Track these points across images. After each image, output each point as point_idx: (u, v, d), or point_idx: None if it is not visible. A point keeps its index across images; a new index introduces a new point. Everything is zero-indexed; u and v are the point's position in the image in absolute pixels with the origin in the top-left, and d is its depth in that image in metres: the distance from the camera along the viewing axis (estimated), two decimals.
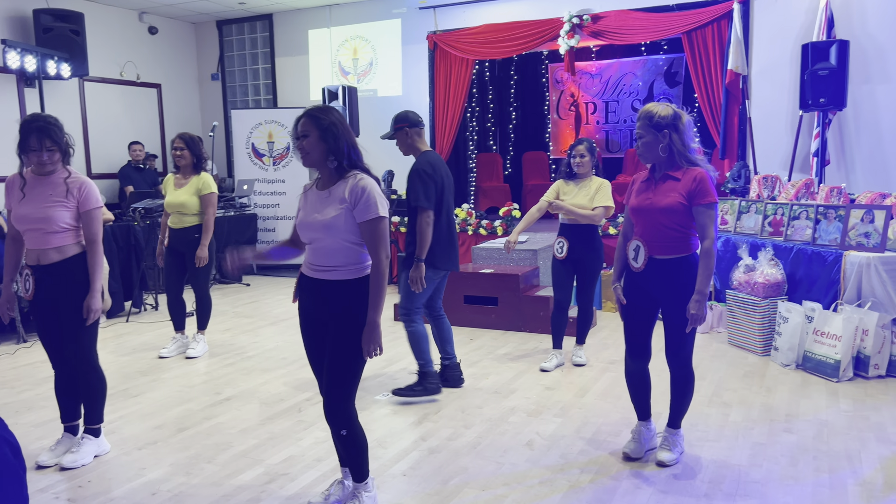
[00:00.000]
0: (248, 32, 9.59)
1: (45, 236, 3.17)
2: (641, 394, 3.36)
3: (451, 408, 4.00)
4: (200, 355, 5.16)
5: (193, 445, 3.54)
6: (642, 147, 3.12)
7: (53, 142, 3.16)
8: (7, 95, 7.52)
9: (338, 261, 2.58)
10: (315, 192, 2.64)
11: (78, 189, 3.21)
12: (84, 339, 3.27)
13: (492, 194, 9.20)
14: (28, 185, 3.21)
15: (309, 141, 2.55)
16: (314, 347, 2.72)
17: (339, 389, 2.59)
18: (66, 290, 3.21)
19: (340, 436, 2.65)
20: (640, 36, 7.43)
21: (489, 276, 5.89)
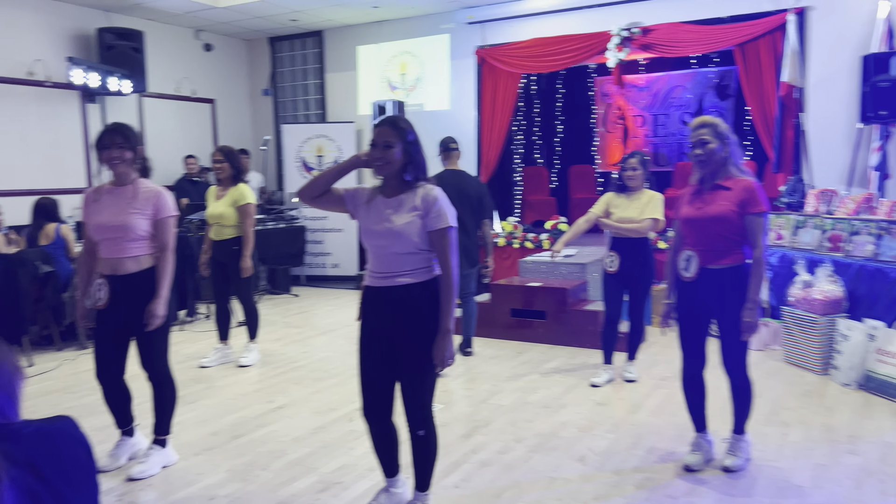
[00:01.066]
0: (299, 49, 9.80)
1: (122, 245, 3.23)
2: (699, 403, 3.38)
3: (501, 421, 3.99)
4: (253, 363, 5.24)
5: (248, 452, 3.60)
6: (707, 153, 3.12)
7: (125, 138, 3.24)
8: (71, 111, 7.81)
9: (407, 266, 2.61)
10: (381, 200, 2.65)
11: (154, 198, 3.29)
12: (157, 350, 3.35)
13: (538, 207, 9.17)
14: (105, 196, 3.30)
15: (392, 153, 2.57)
16: (376, 363, 2.70)
17: (428, 390, 2.65)
18: (142, 300, 3.25)
19: (417, 436, 2.66)
20: (690, 49, 7.35)
21: (536, 290, 5.87)
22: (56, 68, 7.54)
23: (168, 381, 3.42)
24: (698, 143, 3.14)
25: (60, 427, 1.72)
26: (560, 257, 6.53)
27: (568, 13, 7.87)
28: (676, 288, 3.33)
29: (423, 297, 2.61)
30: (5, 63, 7.26)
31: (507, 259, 7.60)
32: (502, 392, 4.53)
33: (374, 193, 2.69)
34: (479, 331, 6.04)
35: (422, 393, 2.65)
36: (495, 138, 8.27)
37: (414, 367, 2.62)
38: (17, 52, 7.34)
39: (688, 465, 3.29)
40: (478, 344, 5.81)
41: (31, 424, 1.64)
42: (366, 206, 2.68)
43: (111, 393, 3.41)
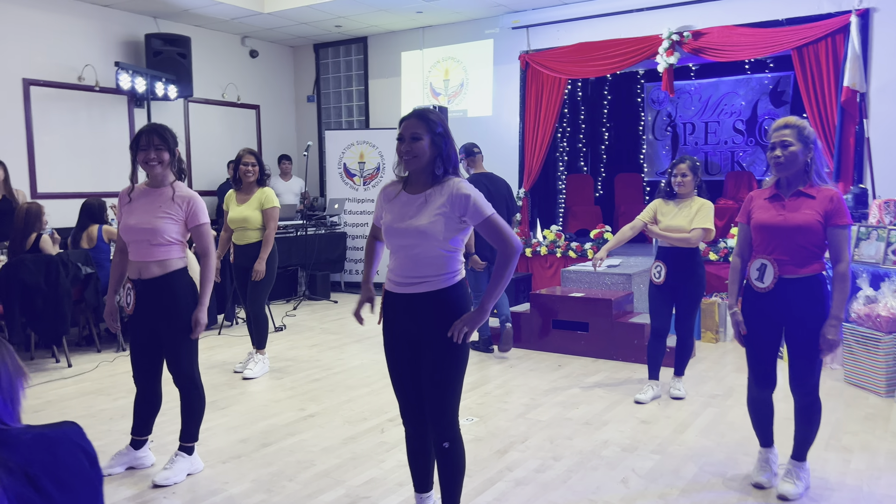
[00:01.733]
0: (343, 55, 9.79)
1: (149, 248, 3.18)
2: (766, 421, 3.21)
3: (538, 437, 3.80)
4: (258, 376, 4.99)
5: (276, 462, 3.49)
6: (788, 156, 2.94)
7: (162, 140, 3.19)
8: (118, 115, 7.93)
9: (429, 270, 2.45)
10: (405, 196, 2.50)
11: (186, 203, 3.22)
12: (184, 356, 3.27)
13: (582, 216, 8.95)
14: (137, 196, 3.25)
15: (420, 145, 2.42)
16: (402, 369, 2.58)
17: (452, 400, 2.51)
18: (167, 305, 3.19)
19: (442, 448, 2.52)
20: (745, 53, 7.06)
21: (579, 300, 5.66)
22: (105, 73, 7.66)
23: (195, 388, 3.34)
24: (779, 144, 2.96)
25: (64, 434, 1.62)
26: (603, 266, 6.32)
27: (616, 17, 7.66)
28: (746, 299, 3.14)
29: (444, 304, 2.46)
30: (57, 68, 7.40)
31: (549, 268, 7.41)
32: (541, 406, 4.34)
33: (399, 189, 2.55)
34: (518, 342, 5.87)
35: (447, 403, 2.49)
36: (539, 145, 8.09)
37: (437, 375, 2.47)
38: (67, 57, 7.48)
39: (759, 484, 3.14)
40: (516, 355, 5.64)
41: (32, 430, 1.54)
42: (389, 205, 2.54)
43: (141, 396, 3.37)
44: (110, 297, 3.39)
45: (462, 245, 2.53)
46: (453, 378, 2.49)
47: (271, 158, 9.68)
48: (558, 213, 8.85)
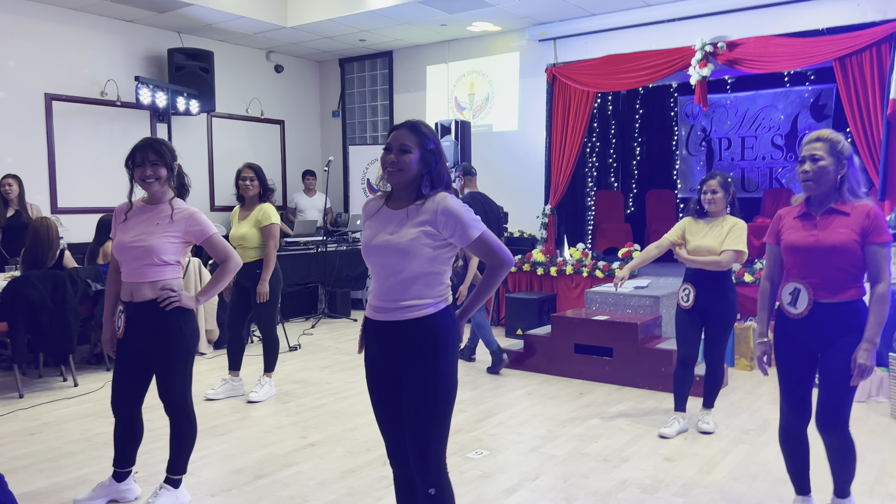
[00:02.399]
0: (368, 70, 9.68)
1: (141, 268, 3.00)
2: (801, 463, 2.92)
3: (551, 475, 3.52)
4: (264, 399, 4.80)
5: (268, 496, 3.27)
6: (817, 171, 2.70)
7: (158, 155, 3.03)
8: (140, 130, 7.90)
9: (413, 294, 2.21)
10: (387, 211, 2.29)
11: (186, 221, 3.05)
12: (177, 384, 3.08)
13: (611, 234, 8.63)
14: (134, 213, 3.10)
15: (408, 158, 2.21)
16: (385, 405, 2.33)
17: (437, 441, 2.24)
18: (159, 330, 3.01)
19: (427, 495, 2.26)
20: (783, 64, 6.71)
21: (603, 324, 5.36)
22: (127, 89, 7.65)
23: (187, 419, 3.15)
24: (809, 157, 2.72)
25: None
26: (629, 287, 6.01)
27: (646, 27, 7.39)
28: (778, 326, 2.87)
29: (427, 334, 2.21)
30: (80, 83, 7.40)
31: (575, 288, 7.11)
32: (557, 439, 4.05)
33: (381, 204, 2.33)
34: (537, 366, 5.59)
35: (431, 444, 2.23)
36: (566, 160, 7.82)
37: (420, 414, 2.22)
38: (90, 72, 7.48)
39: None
40: (535, 381, 5.35)
41: None
42: (370, 221, 2.32)
43: (121, 426, 3.17)
44: (107, 319, 3.21)
45: (450, 264, 2.30)
46: (438, 417, 2.23)
47: (295, 174, 9.60)
48: (587, 230, 8.55)
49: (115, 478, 3.22)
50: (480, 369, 5.69)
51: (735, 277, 6.08)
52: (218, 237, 3.14)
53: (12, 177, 6.15)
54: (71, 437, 4.10)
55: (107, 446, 3.92)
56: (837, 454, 2.80)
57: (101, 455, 3.78)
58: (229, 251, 3.15)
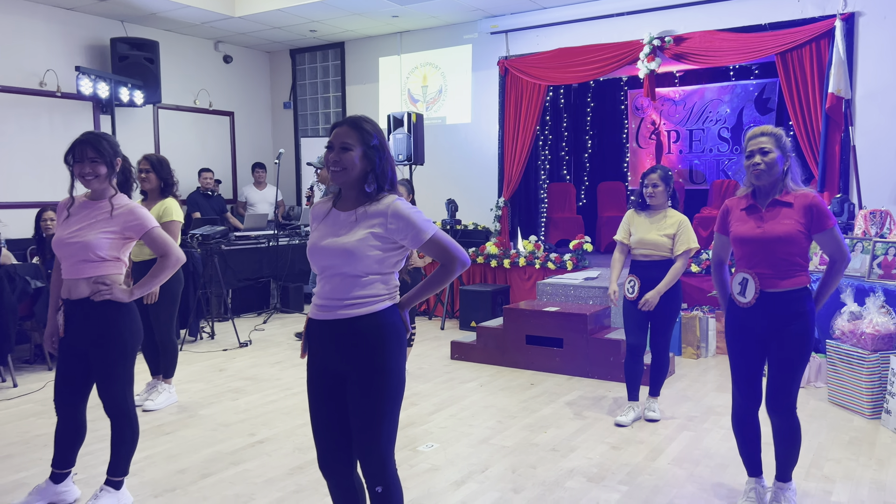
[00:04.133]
0: (320, 61, 9.56)
1: (78, 265, 2.92)
2: (753, 445, 3.02)
3: (500, 466, 3.54)
4: (161, 407, 4.51)
5: (213, 496, 3.22)
6: (769, 162, 2.81)
7: (98, 152, 2.93)
8: (83, 122, 7.65)
9: (359, 293, 2.18)
10: (335, 213, 2.25)
11: (125, 216, 2.96)
12: (117, 384, 2.99)
13: (563, 226, 8.72)
14: (75, 208, 3.00)
15: (350, 156, 2.18)
16: (326, 406, 2.28)
17: (385, 436, 2.21)
18: (98, 328, 2.93)
19: (374, 493, 2.24)
20: (728, 58, 6.86)
21: (553, 315, 5.41)
22: (68, 79, 7.40)
23: (127, 419, 3.07)
24: (758, 151, 2.83)
25: None
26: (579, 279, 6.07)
27: (596, 21, 7.46)
28: (729, 314, 2.99)
29: (374, 330, 2.19)
30: (17, 73, 7.14)
31: (527, 280, 7.16)
32: (508, 430, 4.08)
33: (329, 206, 2.29)
34: (490, 358, 5.63)
35: (379, 441, 2.21)
36: (519, 153, 7.86)
37: (367, 410, 2.19)
38: (29, 61, 7.22)
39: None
40: (488, 372, 5.39)
41: None
42: (318, 224, 2.28)
43: (63, 426, 3.08)
44: (50, 316, 3.10)
45: (397, 267, 2.28)
46: (387, 414, 2.21)
47: (246, 166, 9.44)
48: (540, 222, 8.62)
49: (52, 479, 3.12)
50: (434, 362, 5.70)
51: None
52: (158, 231, 3.06)
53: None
54: (8, 440, 3.97)
55: (46, 448, 3.80)
56: (785, 435, 2.90)
57: (41, 457, 3.67)
58: (169, 246, 3.07)
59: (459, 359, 5.77)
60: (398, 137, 7.24)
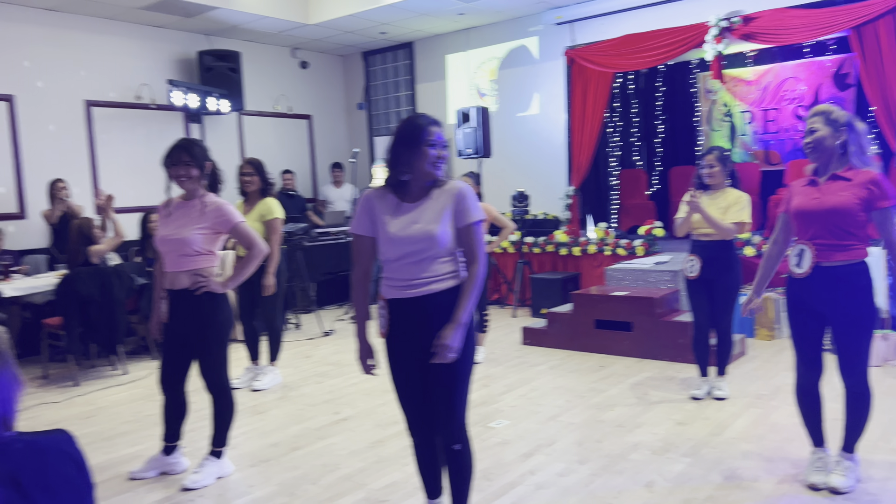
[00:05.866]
0: (390, 61, 9.89)
1: (179, 259, 3.28)
2: (815, 416, 3.10)
3: (566, 440, 3.73)
4: (268, 387, 4.94)
5: (302, 465, 3.55)
6: (814, 142, 2.92)
7: (191, 157, 3.28)
8: (175, 131, 8.25)
9: (440, 270, 2.45)
10: (406, 205, 2.46)
11: (214, 212, 3.30)
12: (216, 365, 3.37)
13: (635, 212, 8.71)
14: (174, 209, 3.38)
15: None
16: (412, 377, 2.55)
17: (461, 402, 2.51)
18: (198, 315, 3.29)
19: (452, 450, 2.51)
20: (798, 36, 6.73)
21: (622, 299, 5.52)
22: (161, 92, 7.99)
23: (225, 394, 3.43)
24: (808, 131, 2.96)
25: (53, 442, 1.69)
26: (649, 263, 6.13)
27: (662, 6, 7.45)
28: (788, 288, 3.08)
29: (453, 303, 2.45)
30: (116, 88, 7.77)
31: (597, 267, 7.25)
32: (575, 409, 4.25)
33: (391, 198, 2.49)
34: (560, 342, 5.78)
35: (458, 405, 2.51)
36: (587, 141, 7.94)
37: (446, 377, 2.47)
38: (126, 77, 7.85)
39: (813, 484, 3.03)
40: (558, 356, 5.55)
41: (23, 438, 1.61)
42: (388, 215, 2.48)
43: (168, 403, 3.48)
44: (155, 306, 3.51)
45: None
46: (464, 379, 2.50)
47: (323, 166, 9.88)
48: (611, 209, 8.66)
49: (164, 452, 3.53)
50: (506, 347, 5.90)
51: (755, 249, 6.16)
52: (244, 226, 3.39)
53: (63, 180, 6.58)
54: (123, 419, 4.44)
55: (156, 426, 4.24)
56: (853, 401, 2.97)
57: (151, 434, 4.11)
58: (254, 239, 3.40)
59: (530, 344, 5.96)
60: (466, 132, 7.47)
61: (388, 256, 2.48)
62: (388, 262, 2.50)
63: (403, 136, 2.44)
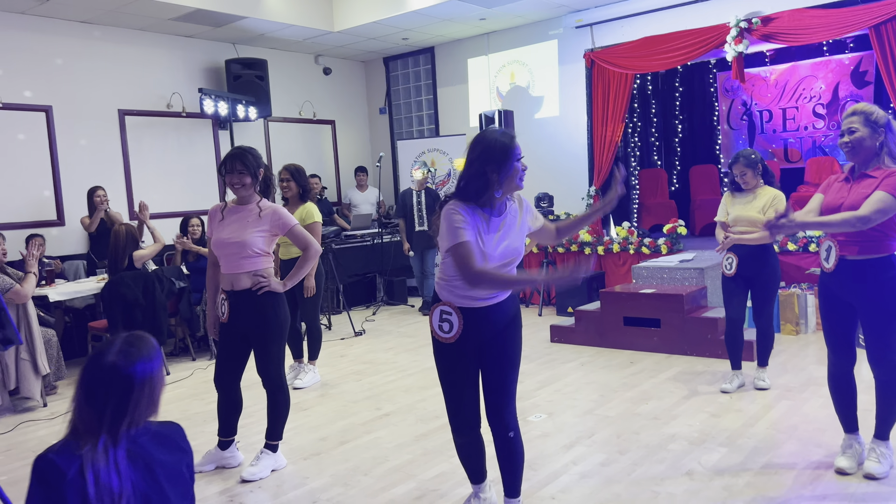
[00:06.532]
0: (412, 66, 10.06)
1: (238, 261, 3.43)
2: (848, 401, 3.22)
3: (605, 432, 3.86)
4: (308, 386, 5.12)
5: (353, 458, 3.71)
6: (853, 141, 3.02)
7: (244, 165, 3.43)
8: (204, 138, 8.45)
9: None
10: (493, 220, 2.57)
11: (270, 216, 3.46)
12: (273, 361, 3.52)
13: (656, 211, 8.84)
14: (228, 213, 3.53)
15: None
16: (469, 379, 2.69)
17: (514, 391, 2.72)
18: (257, 314, 3.44)
19: (507, 437, 2.68)
20: (817, 35, 6.82)
21: (650, 297, 5.64)
22: (190, 100, 8.19)
23: (281, 389, 3.59)
24: (847, 131, 3.06)
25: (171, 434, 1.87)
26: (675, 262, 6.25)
27: (680, 8, 7.56)
28: (820, 282, 3.23)
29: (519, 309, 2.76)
30: (147, 97, 7.98)
31: (622, 266, 7.38)
32: (610, 402, 4.39)
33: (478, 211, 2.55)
34: (589, 340, 5.91)
35: (513, 393, 2.71)
36: (608, 142, 8.07)
37: (510, 370, 2.68)
38: (156, 86, 8.05)
39: (841, 469, 3.16)
40: (587, 353, 5.68)
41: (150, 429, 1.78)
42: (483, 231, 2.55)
43: (224, 399, 3.63)
44: (210, 308, 3.66)
45: None
46: (516, 369, 2.72)
47: (348, 171, 10.06)
48: (632, 209, 8.78)
49: (220, 447, 3.69)
50: (535, 344, 6.04)
51: (778, 246, 6.27)
52: (299, 228, 3.55)
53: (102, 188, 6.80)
54: (173, 417, 4.57)
55: (205, 423, 4.42)
56: (883, 389, 3.08)
57: (202, 430, 4.27)
58: (309, 240, 3.56)
59: (559, 342, 6.09)
60: None
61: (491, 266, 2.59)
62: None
63: (496, 154, 2.47)
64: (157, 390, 1.78)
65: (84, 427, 1.66)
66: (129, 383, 1.67)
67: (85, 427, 1.65)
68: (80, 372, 1.69)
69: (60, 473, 1.58)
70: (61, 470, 1.58)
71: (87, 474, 1.60)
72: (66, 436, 1.67)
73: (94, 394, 1.66)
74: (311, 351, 5.27)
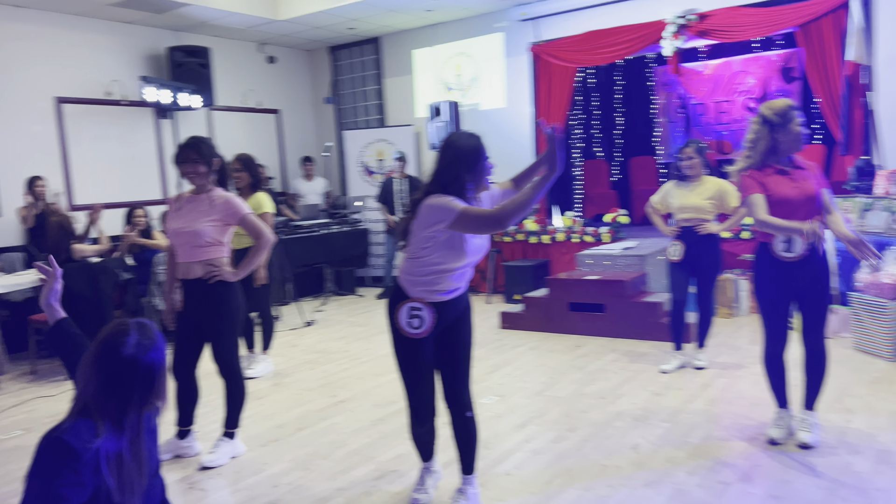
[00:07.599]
0: (357, 56, 10.04)
1: (191, 250, 3.44)
2: (781, 380, 3.45)
3: (555, 412, 4.03)
4: (261, 375, 5.13)
5: (311, 443, 3.77)
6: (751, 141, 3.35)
7: (198, 154, 3.44)
8: (146, 127, 8.27)
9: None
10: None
11: (222, 204, 3.47)
12: (227, 350, 3.54)
13: (598, 201, 9.12)
14: (184, 203, 3.53)
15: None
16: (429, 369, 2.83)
17: (469, 375, 2.86)
18: (211, 303, 3.46)
19: (465, 417, 2.82)
20: (750, 33, 7.16)
21: (595, 283, 5.86)
22: (131, 88, 8.00)
23: (238, 378, 3.62)
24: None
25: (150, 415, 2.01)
26: (618, 249, 6.50)
27: (622, 4, 7.80)
28: (769, 270, 3.31)
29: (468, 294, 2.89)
30: (86, 84, 7.75)
31: (566, 254, 7.60)
32: (559, 384, 4.57)
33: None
34: (537, 325, 6.09)
35: (468, 377, 2.85)
36: None
37: (466, 357, 2.84)
38: (95, 73, 7.83)
39: (773, 439, 3.38)
40: (536, 338, 5.86)
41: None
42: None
43: (181, 389, 3.64)
44: (167, 297, 3.65)
45: None
46: (470, 354, 2.86)
47: (294, 160, 9.99)
48: (575, 199, 9.02)
49: (178, 436, 3.70)
50: (485, 331, 6.19)
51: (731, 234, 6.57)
52: (251, 217, 3.57)
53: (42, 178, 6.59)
54: None
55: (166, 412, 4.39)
56: (818, 362, 3.34)
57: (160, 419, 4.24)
58: (261, 229, 3.58)
59: (508, 328, 6.26)
60: (438, 125, 7.71)
61: (461, 264, 2.71)
62: (451, 270, 2.70)
63: (468, 157, 2.65)
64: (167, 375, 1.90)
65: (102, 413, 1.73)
66: (150, 375, 1.78)
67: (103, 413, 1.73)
68: (94, 362, 1.75)
69: (75, 454, 1.64)
70: (76, 450, 1.64)
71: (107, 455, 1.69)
72: (75, 416, 1.73)
73: (114, 385, 1.74)
74: (265, 340, 5.28)
